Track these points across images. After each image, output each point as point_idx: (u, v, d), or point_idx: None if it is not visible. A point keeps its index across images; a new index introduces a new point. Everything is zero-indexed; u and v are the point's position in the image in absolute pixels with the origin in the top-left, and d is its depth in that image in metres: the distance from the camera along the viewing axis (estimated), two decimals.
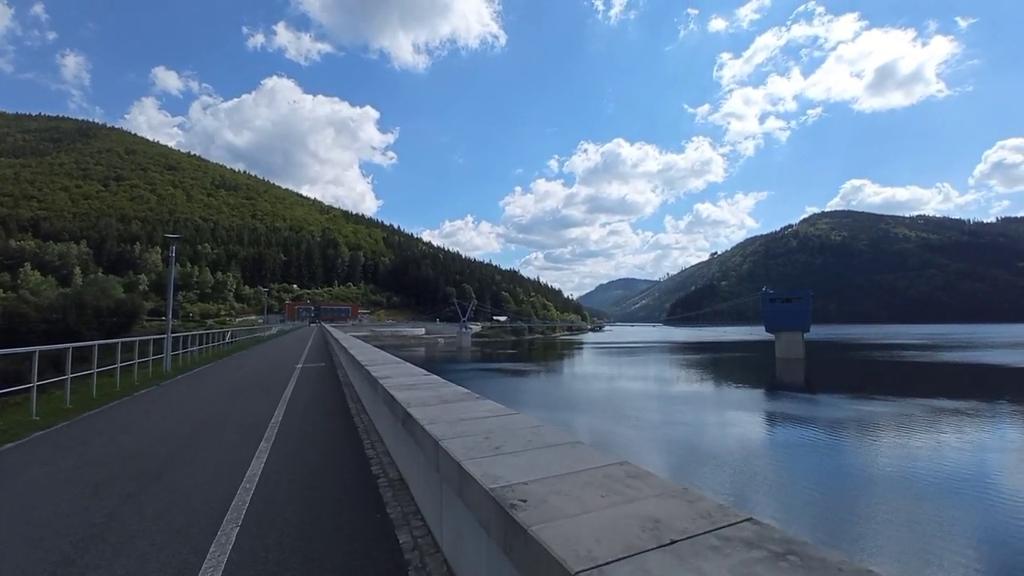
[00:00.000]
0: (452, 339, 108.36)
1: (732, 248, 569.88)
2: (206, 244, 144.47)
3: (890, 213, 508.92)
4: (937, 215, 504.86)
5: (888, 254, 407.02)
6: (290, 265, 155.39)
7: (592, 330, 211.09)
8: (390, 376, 5.55)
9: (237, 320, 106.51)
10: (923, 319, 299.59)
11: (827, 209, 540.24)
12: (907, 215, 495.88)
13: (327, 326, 51.79)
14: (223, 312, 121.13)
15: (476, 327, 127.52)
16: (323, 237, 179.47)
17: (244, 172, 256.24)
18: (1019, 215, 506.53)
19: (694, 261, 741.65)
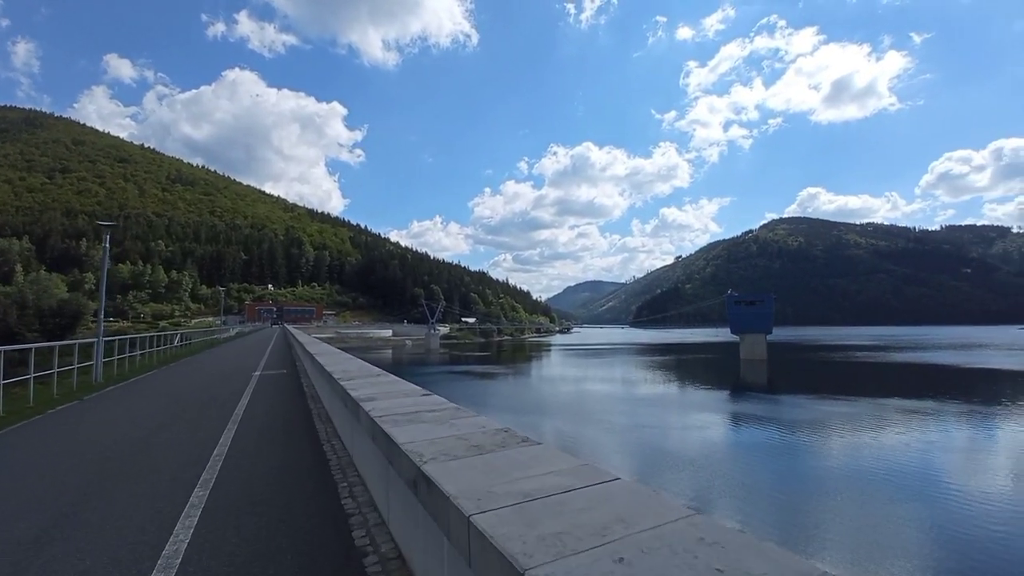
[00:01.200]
0: (420, 341, 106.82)
1: (696, 252, 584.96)
2: (160, 241, 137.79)
3: (843, 220, 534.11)
4: (886, 223, 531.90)
5: (841, 259, 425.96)
6: (251, 264, 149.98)
7: (560, 332, 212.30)
8: (375, 397, 4.15)
9: (193, 322, 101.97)
10: (873, 321, 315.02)
11: (785, 215, 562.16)
12: (858, 222, 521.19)
13: (290, 328, 49.96)
14: (177, 313, 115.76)
15: (444, 329, 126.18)
16: (287, 236, 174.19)
17: (202, 167, 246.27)
18: (962, 223, 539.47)
19: (659, 264, 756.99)
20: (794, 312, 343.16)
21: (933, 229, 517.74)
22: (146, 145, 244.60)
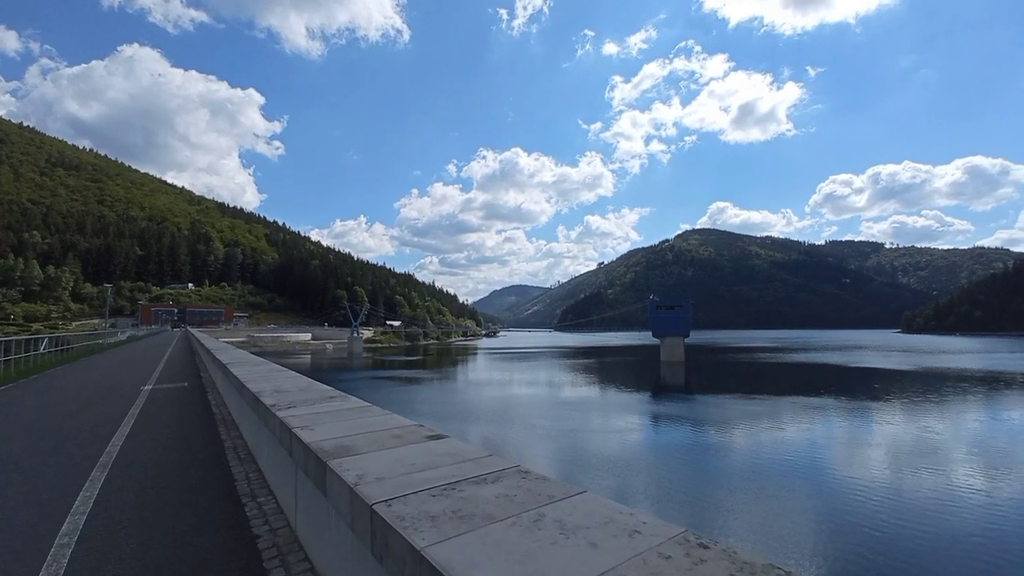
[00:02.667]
0: (342, 345, 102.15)
1: (617, 259, 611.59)
2: (35, 232, 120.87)
3: (747, 233, 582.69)
4: (782, 236, 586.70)
5: (745, 269, 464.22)
6: (148, 261, 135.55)
7: (487, 335, 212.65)
8: (353, 447, 2.53)
9: (73, 324, 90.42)
10: (770, 325, 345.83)
11: (698, 226, 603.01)
12: (759, 235, 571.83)
13: (194, 331, 45.48)
14: (55, 315, 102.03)
15: (368, 332, 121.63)
16: (192, 230, 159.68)
17: (90, 150, 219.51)
18: (843, 239, 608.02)
19: (583, 270, 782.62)
20: (704, 316, 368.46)
21: (820, 243, 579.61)
22: (25, 124, 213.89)
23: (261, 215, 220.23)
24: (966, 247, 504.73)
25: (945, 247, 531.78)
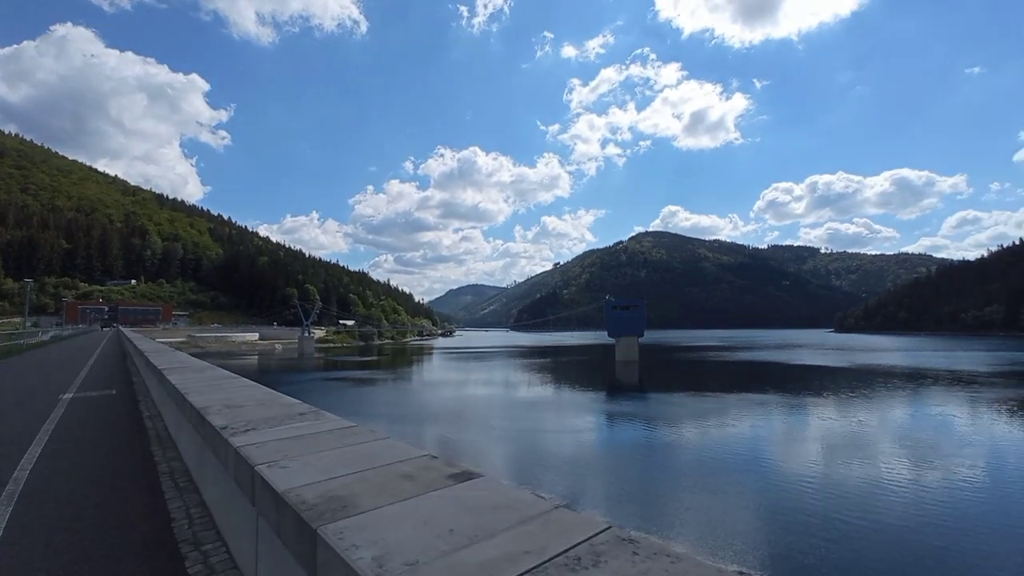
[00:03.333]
0: (292, 345, 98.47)
1: (573, 259, 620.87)
2: None
3: (696, 236, 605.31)
4: (728, 240, 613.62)
5: (694, 271, 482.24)
6: (75, 255, 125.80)
7: (443, 335, 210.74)
8: (351, 499, 1.78)
9: None
10: (717, 325, 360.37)
11: (650, 229, 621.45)
12: (708, 239, 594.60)
13: (127, 331, 42.50)
14: None
15: (320, 332, 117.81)
16: (126, 223, 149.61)
17: (15, 135, 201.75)
18: (784, 244, 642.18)
19: (539, 270, 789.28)
20: (656, 316, 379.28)
21: (763, 247, 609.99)
22: None
23: (204, 208, 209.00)
24: (892, 253, 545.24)
25: (874, 253, 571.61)
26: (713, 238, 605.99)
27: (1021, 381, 41.40)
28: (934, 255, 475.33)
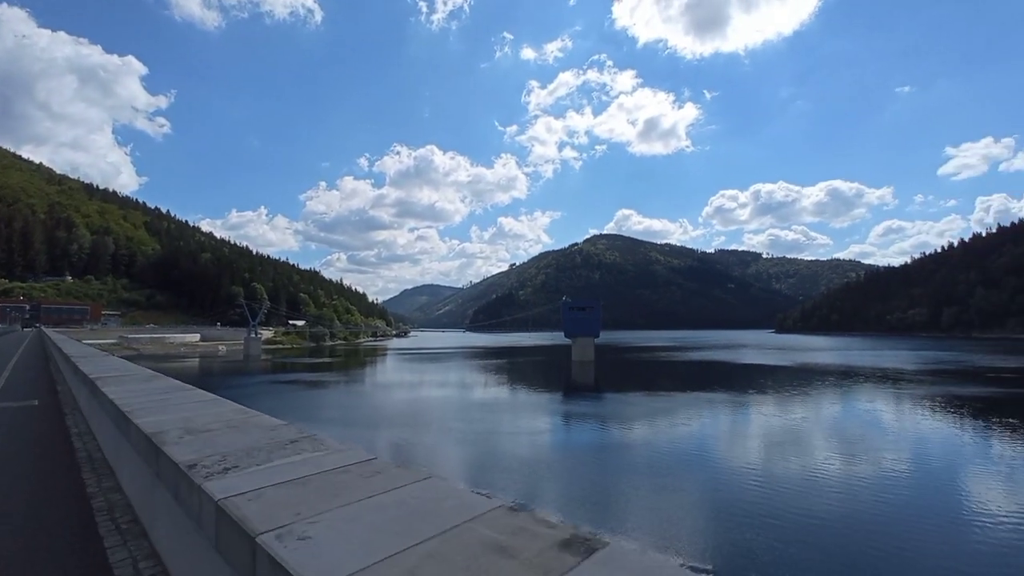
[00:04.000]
0: (237, 347, 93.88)
1: (529, 261, 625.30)
2: None
3: (648, 240, 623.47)
4: (679, 244, 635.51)
5: (646, 274, 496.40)
6: None
7: (397, 336, 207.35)
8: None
9: None
10: (667, 326, 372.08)
11: (605, 232, 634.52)
12: (659, 242, 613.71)
13: (50, 332, 39.15)
14: None
15: (268, 332, 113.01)
16: (50, 214, 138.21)
17: None
18: (729, 248, 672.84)
19: (495, 271, 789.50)
20: (610, 317, 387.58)
21: (710, 251, 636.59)
22: None
23: (140, 200, 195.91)
24: (826, 259, 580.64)
25: (810, 258, 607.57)
26: (664, 242, 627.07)
27: (942, 378, 44.93)
28: (863, 261, 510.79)
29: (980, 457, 19.37)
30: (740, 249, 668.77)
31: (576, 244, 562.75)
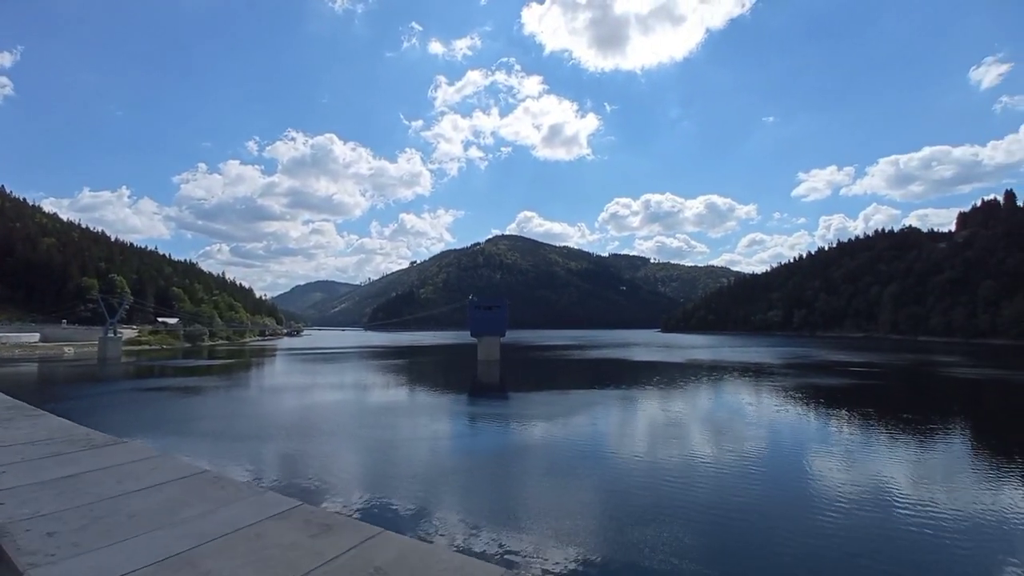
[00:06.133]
0: (91, 349, 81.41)
1: (430, 259, 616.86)
2: None
3: (548, 242, 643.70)
4: (576, 247, 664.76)
5: (546, 275, 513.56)
6: None
7: (289, 334, 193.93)
8: None
9: None
10: (566, 325, 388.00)
11: (507, 232, 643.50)
12: (559, 245, 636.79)
13: None
14: None
15: (131, 332, 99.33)
16: None
17: None
18: (622, 253, 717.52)
19: (395, 268, 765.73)
20: (511, 317, 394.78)
21: (605, 255, 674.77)
22: None
23: None
24: (703, 265, 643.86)
25: (689, 264, 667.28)
26: (563, 244, 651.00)
27: (802, 371, 51.79)
28: (732, 268, 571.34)
29: (828, 439, 22.47)
30: (632, 254, 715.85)
31: (479, 244, 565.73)
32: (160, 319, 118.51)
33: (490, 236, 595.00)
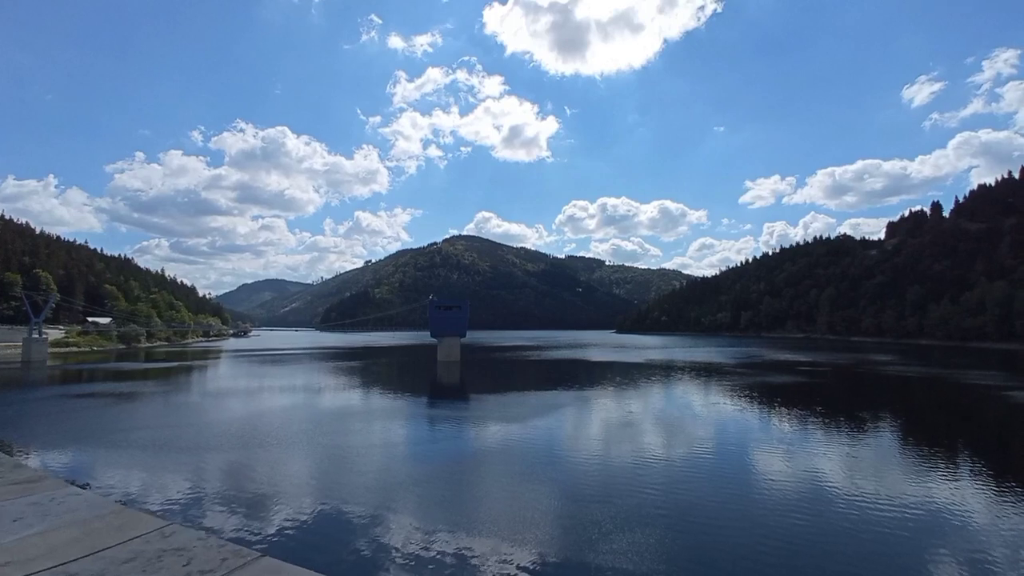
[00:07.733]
0: (13, 350, 74.76)
1: (386, 258, 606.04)
2: None
3: (506, 243, 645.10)
4: (534, 248, 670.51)
5: (503, 276, 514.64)
6: None
7: (235, 335, 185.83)
8: None
9: None
10: (523, 326, 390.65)
11: (464, 232, 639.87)
12: (516, 246, 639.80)
13: None
14: None
15: (58, 332, 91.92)
16: None
17: None
18: (578, 255, 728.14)
19: (349, 267, 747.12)
20: (470, 318, 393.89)
21: (562, 257, 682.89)
22: None
23: None
24: (656, 268, 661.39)
25: (643, 267, 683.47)
26: (520, 245, 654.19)
27: (753, 370, 53.97)
28: (683, 271, 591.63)
29: (781, 437, 23.30)
30: (588, 256, 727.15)
31: (436, 243, 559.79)
32: (91, 319, 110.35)
33: (448, 236, 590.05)
